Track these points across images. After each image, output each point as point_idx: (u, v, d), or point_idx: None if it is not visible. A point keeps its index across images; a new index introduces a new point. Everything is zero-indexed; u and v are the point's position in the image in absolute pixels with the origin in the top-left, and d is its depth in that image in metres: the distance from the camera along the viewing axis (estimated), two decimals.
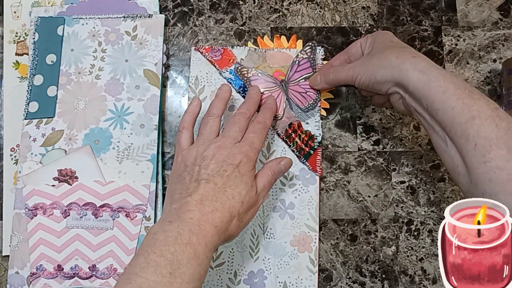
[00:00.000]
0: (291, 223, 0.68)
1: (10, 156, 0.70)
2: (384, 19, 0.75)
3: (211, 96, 0.71)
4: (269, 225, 0.68)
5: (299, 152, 0.69)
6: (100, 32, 0.71)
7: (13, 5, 0.74)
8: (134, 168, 0.68)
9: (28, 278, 0.65)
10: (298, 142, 0.70)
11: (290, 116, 0.71)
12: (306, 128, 0.70)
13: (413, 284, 0.68)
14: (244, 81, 0.71)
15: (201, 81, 0.72)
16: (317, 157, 0.69)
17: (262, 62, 0.73)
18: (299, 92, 0.71)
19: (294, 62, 0.72)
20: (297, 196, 0.68)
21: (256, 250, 0.67)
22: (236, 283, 0.66)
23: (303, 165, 0.69)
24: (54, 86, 0.70)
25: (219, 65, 0.72)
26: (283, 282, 0.66)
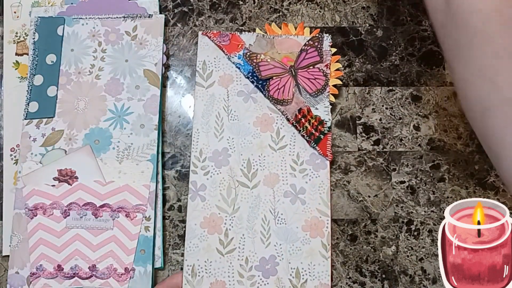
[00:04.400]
0: (302, 208, 0.67)
1: (10, 156, 0.70)
2: (384, 19, 0.75)
3: (219, 81, 0.71)
4: (280, 210, 0.67)
5: (309, 137, 0.69)
6: (100, 32, 0.71)
7: (13, 5, 0.74)
8: (134, 168, 0.68)
9: (28, 278, 0.65)
10: (308, 127, 0.69)
11: (299, 101, 0.70)
12: (316, 113, 0.70)
13: (413, 284, 0.68)
14: (253, 66, 0.71)
15: (209, 66, 0.72)
16: (327, 142, 0.69)
17: (271, 48, 0.72)
18: (308, 78, 0.71)
19: (302, 50, 0.71)
20: (308, 181, 0.68)
21: (268, 236, 0.67)
22: (247, 269, 0.66)
23: (313, 150, 0.69)
24: (54, 86, 0.70)
25: (228, 50, 0.72)
26: (295, 268, 0.66)
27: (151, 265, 0.66)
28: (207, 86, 0.71)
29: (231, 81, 0.71)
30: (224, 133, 0.70)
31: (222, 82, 0.71)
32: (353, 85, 0.73)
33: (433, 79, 0.73)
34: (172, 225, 0.69)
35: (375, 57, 0.74)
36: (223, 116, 0.70)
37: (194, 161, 0.69)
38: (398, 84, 0.73)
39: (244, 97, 0.71)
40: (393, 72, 0.73)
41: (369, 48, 0.74)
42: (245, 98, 0.71)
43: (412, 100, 0.72)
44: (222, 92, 0.71)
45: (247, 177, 0.68)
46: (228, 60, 0.72)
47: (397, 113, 0.72)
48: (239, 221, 0.67)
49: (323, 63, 0.71)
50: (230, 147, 0.69)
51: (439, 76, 0.73)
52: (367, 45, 0.74)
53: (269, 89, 0.70)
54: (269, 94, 0.70)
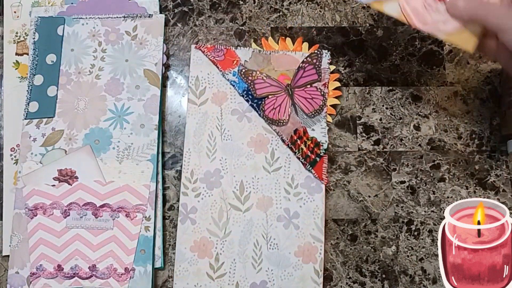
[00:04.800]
0: (295, 233, 0.66)
1: (10, 156, 0.70)
2: (384, 18, 0.75)
3: (212, 98, 0.70)
4: (272, 235, 0.66)
5: (305, 160, 0.68)
6: (100, 32, 0.71)
7: (13, 5, 0.74)
8: (134, 168, 0.68)
9: (28, 278, 0.65)
10: (304, 149, 0.68)
11: (295, 121, 0.69)
12: (312, 134, 0.69)
13: (413, 284, 0.68)
14: (248, 84, 0.70)
15: (202, 82, 0.70)
16: (323, 165, 0.68)
17: (267, 64, 0.71)
18: (305, 98, 0.70)
19: (300, 67, 0.70)
20: (302, 205, 0.67)
21: (259, 261, 0.66)
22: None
23: (308, 173, 0.68)
24: (54, 86, 0.70)
25: (222, 66, 0.71)
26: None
27: (151, 265, 0.66)
28: (200, 104, 0.70)
29: (225, 99, 0.70)
30: (216, 154, 0.68)
31: (216, 99, 0.70)
32: (353, 85, 0.73)
33: (433, 79, 0.73)
34: (172, 225, 0.69)
35: (375, 57, 0.74)
36: (216, 135, 0.69)
37: (184, 182, 0.68)
38: (398, 84, 0.73)
39: (238, 116, 0.70)
40: (393, 72, 0.73)
41: (369, 48, 0.74)
42: (239, 117, 0.69)
43: (412, 100, 0.72)
44: (215, 110, 0.69)
45: (239, 200, 0.67)
46: (223, 76, 0.70)
47: (397, 113, 0.72)
48: (231, 246, 0.66)
49: (321, 81, 0.70)
50: (223, 168, 0.68)
51: (439, 76, 0.73)
52: (367, 45, 0.74)
53: (264, 108, 0.69)
54: (264, 114, 0.69)
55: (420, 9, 0.59)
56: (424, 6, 0.58)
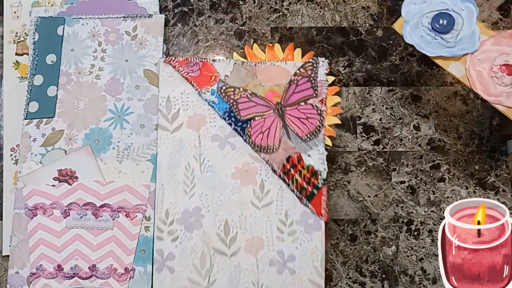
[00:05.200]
0: (291, 279, 0.59)
1: (10, 156, 0.70)
2: (384, 19, 0.75)
3: (188, 123, 0.60)
4: (265, 282, 0.59)
5: (300, 192, 0.60)
6: (100, 32, 0.71)
7: (13, 5, 0.74)
8: (134, 168, 0.67)
9: (28, 278, 0.65)
10: (299, 180, 0.60)
11: (287, 147, 0.60)
12: (308, 162, 0.60)
13: (413, 284, 0.68)
14: (230, 104, 0.60)
15: (175, 104, 0.61)
16: (322, 198, 0.60)
17: (252, 79, 0.61)
18: (299, 118, 0.61)
19: (292, 81, 0.61)
20: (298, 246, 0.59)
21: None
22: None
23: (305, 208, 0.60)
24: (54, 86, 0.70)
25: (198, 84, 0.61)
26: None
27: (151, 265, 0.65)
28: (173, 130, 0.61)
29: (203, 123, 0.61)
30: (195, 189, 0.60)
31: (192, 124, 0.61)
32: (353, 85, 0.73)
33: (433, 79, 0.73)
34: None
35: (375, 57, 0.74)
36: (194, 167, 0.60)
37: (159, 224, 0.59)
38: (398, 84, 0.73)
39: (220, 142, 0.61)
40: (393, 72, 0.73)
41: (369, 48, 0.74)
42: (221, 144, 0.61)
43: (412, 100, 0.72)
44: (192, 137, 0.61)
45: (224, 243, 0.59)
46: (199, 96, 0.61)
47: (397, 113, 0.72)
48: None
49: (317, 97, 0.62)
50: (204, 206, 0.60)
51: (439, 76, 0.73)
52: (367, 45, 0.74)
53: (250, 133, 0.60)
54: (251, 139, 0.61)
55: (485, 76, 0.58)
56: (490, 74, 0.58)
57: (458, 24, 0.60)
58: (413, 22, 0.60)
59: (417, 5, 0.61)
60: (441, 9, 0.60)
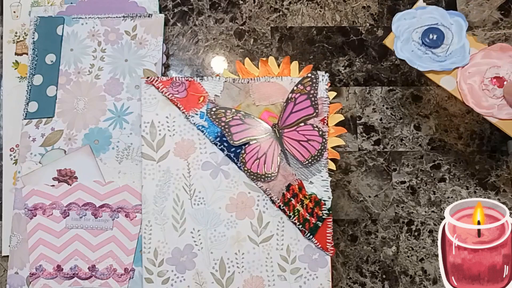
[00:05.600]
0: None
1: (9, 156, 0.70)
2: (384, 18, 0.75)
3: (175, 150, 0.55)
4: None
5: (303, 225, 0.55)
6: (100, 32, 0.71)
7: (13, 4, 0.74)
8: (134, 168, 0.67)
9: (27, 279, 0.65)
10: (301, 211, 0.55)
11: (287, 174, 0.55)
12: (310, 190, 0.55)
13: (414, 284, 0.68)
14: (221, 127, 0.55)
15: (160, 130, 0.55)
16: (327, 230, 0.55)
17: (245, 98, 0.56)
18: (298, 141, 0.56)
19: (290, 99, 0.56)
20: (303, 285, 0.55)
21: None
22: None
23: (308, 242, 0.55)
24: (54, 86, 0.70)
25: (185, 106, 0.56)
26: None
27: None
28: (159, 159, 0.56)
29: (192, 150, 0.56)
30: (186, 224, 0.55)
31: (180, 151, 0.56)
32: (353, 84, 0.73)
33: None
34: None
35: (375, 56, 0.74)
36: (183, 199, 0.55)
37: (147, 265, 0.55)
38: (398, 84, 0.73)
39: (212, 171, 0.55)
40: (393, 72, 0.73)
41: (370, 47, 0.74)
42: (214, 173, 0.55)
43: (413, 100, 0.72)
44: (180, 166, 0.56)
45: (220, 284, 0.54)
46: (187, 120, 0.56)
47: (397, 113, 0.72)
48: None
49: (318, 116, 0.56)
50: (196, 244, 0.55)
51: None
52: (367, 44, 0.74)
53: (245, 159, 0.55)
54: (246, 167, 0.55)
55: (477, 89, 0.58)
56: (481, 87, 0.58)
57: (448, 38, 0.60)
58: (404, 38, 0.61)
59: (407, 21, 0.61)
60: (431, 24, 0.60)
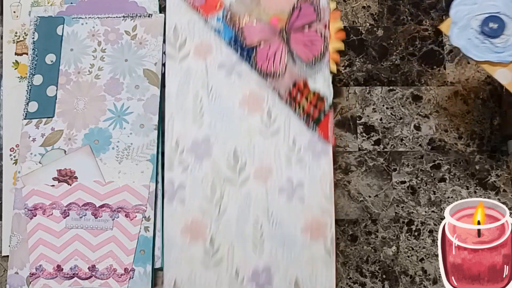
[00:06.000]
0: (301, 207, 0.58)
1: (9, 156, 0.70)
2: (384, 18, 0.75)
3: (195, 51, 0.60)
4: (274, 210, 0.58)
5: (307, 118, 0.59)
6: (100, 32, 0.71)
7: (13, 4, 0.73)
8: (134, 168, 0.67)
9: (27, 279, 0.65)
10: (305, 106, 0.59)
11: (293, 73, 0.60)
12: (314, 87, 0.60)
13: (414, 284, 0.68)
14: (235, 31, 0.60)
15: (182, 33, 0.61)
16: (329, 123, 0.59)
17: (256, 6, 0.61)
18: (303, 43, 0.60)
19: (295, 7, 0.61)
20: (307, 172, 0.59)
21: (261, 242, 0.58)
22: (238, 282, 0.57)
23: (312, 134, 0.60)
24: (54, 86, 0.69)
25: (204, 11, 0.61)
26: (295, 279, 0.57)
27: (151, 266, 0.65)
28: (181, 59, 0.61)
29: (209, 51, 0.61)
30: (204, 118, 0.60)
31: (199, 52, 0.61)
32: (353, 84, 0.73)
33: (433, 79, 0.73)
34: None
35: (375, 56, 0.73)
36: (202, 95, 0.60)
37: (169, 154, 0.59)
38: (398, 83, 0.73)
39: (227, 70, 0.60)
40: (393, 72, 0.73)
41: (370, 47, 0.74)
42: (228, 72, 0.60)
43: (413, 100, 0.72)
44: (199, 66, 0.60)
45: (234, 172, 0.59)
46: (205, 24, 0.61)
47: (397, 113, 0.72)
48: (227, 226, 0.58)
49: (320, 22, 0.61)
50: (212, 135, 0.59)
51: (440, 75, 0.73)
52: (367, 44, 0.74)
53: (256, 59, 0.60)
54: (257, 66, 0.60)
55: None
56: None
57: (508, 28, 0.58)
58: (462, 24, 0.59)
59: (467, 6, 0.59)
60: (492, 12, 0.58)
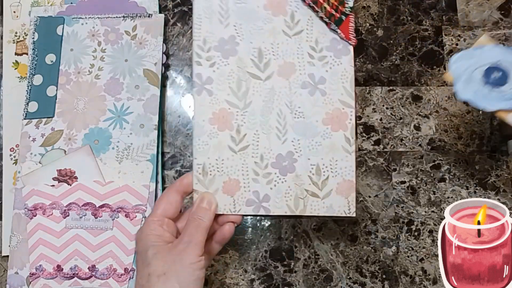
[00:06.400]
0: (322, 100, 0.60)
1: (9, 156, 0.70)
2: (384, 18, 0.75)
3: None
4: (297, 103, 0.60)
5: (329, 19, 0.61)
6: (100, 32, 0.71)
7: (13, 4, 0.73)
8: (134, 168, 0.67)
9: (27, 279, 0.65)
10: (327, 8, 0.61)
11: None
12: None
13: (414, 284, 0.68)
14: None
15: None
16: (350, 24, 0.61)
17: None
18: None
19: None
20: (329, 70, 0.61)
21: (284, 131, 0.60)
22: (263, 167, 0.60)
23: (334, 35, 0.61)
24: (54, 86, 0.70)
25: None
26: (316, 165, 0.59)
27: None
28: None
29: None
30: (230, 19, 0.62)
31: None
32: None
33: (433, 79, 0.73)
34: None
35: (375, 56, 0.73)
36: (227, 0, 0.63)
37: (197, 51, 0.61)
38: (398, 84, 0.73)
39: None
40: (393, 72, 0.73)
41: (370, 47, 0.74)
42: None
43: (413, 100, 0.72)
44: None
45: (258, 68, 0.61)
46: None
47: (397, 113, 0.72)
48: (252, 116, 0.60)
49: None
50: (238, 35, 0.61)
51: (440, 76, 0.73)
52: (367, 44, 0.74)
53: None
54: None
55: None
56: None
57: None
58: (465, 78, 0.59)
59: (465, 61, 0.59)
60: (493, 63, 0.58)
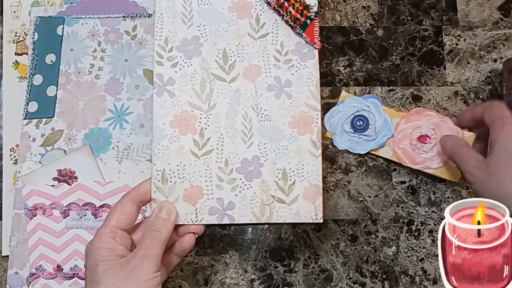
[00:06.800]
0: (288, 103, 0.60)
1: (9, 156, 0.70)
2: (384, 18, 0.75)
3: None
4: (263, 106, 0.60)
5: (294, 23, 0.61)
6: (100, 32, 0.71)
7: (13, 4, 0.73)
8: (134, 168, 0.67)
9: (27, 279, 0.65)
10: (292, 12, 0.61)
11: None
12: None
13: (414, 284, 0.68)
14: None
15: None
16: (315, 28, 0.61)
17: None
18: None
19: None
20: (294, 73, 0.61)
21: (250, 135, 0.60)
22: (227, 172, 0.59)
23: (299, 39, 0.61)
24: (54, 86, 0.70)
25: None
26: (282, 169, 0.59)
27: None
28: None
29: None
30: (193, 20, 0.61)
31: None
32: (353, 84, 0.73)
33: (433, 79, 0.73)
34: None
35: (375, 56, 0.73)
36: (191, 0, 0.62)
37: (158, 50, 0.60)
38: (398, 83, 0.73)
39: None
40: (393, 72, 0.73)
41: (370, 47, 0.74)
42: None
43: (413, 100, 0.72)
44: None
45: (223, 70, 0.61)
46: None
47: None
48: (216, 119, 0.60)
49: None
50: (202, 36, 0.61)
51: (440, 75, 0.73)
52: (367, 44, 0.74)
53: None
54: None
55: (409, 150, 0.68)
56: (412, 148, 0.68)
57: (371, 119, 0.70)
58: (338, 131, 0.70)
59: (335, 117, 0.71)
60: (354, 113, 0.70)
